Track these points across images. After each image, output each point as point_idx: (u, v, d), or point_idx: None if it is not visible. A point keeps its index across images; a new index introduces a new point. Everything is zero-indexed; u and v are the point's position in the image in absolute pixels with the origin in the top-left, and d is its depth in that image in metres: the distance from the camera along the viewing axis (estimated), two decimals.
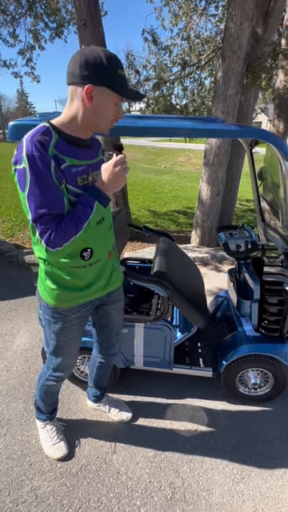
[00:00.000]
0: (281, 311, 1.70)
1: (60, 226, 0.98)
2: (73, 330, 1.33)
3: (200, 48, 6.09)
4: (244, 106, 3.98)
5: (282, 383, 1.84)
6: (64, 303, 1.24)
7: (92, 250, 1.16)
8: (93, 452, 1.66)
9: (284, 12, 5.23)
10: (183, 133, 1.38)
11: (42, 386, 1.54)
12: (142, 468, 1.59)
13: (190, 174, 12.28)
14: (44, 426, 1.67)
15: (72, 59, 0.98)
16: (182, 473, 1.57)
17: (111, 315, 1.48)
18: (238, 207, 6.67)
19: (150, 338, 1.80)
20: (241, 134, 1.53)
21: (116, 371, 1.93)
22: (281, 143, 1.36)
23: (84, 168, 1.07)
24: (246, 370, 1.82)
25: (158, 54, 6.20)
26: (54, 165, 0.96)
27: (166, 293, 1.66)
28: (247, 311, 1.81)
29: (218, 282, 3.45)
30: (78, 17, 3.79)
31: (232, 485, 1.53)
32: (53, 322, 1.29)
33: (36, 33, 6.41)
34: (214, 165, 3.95)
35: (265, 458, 1.65)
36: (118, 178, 1.04)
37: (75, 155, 1.04)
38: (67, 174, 1.01)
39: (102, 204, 1.05)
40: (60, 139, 1.01)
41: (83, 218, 1.01)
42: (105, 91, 0.99)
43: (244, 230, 1.87)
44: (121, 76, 0.99)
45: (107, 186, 1.04)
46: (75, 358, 1.48)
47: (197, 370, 1.89)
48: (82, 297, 1.26)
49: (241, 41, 3.41)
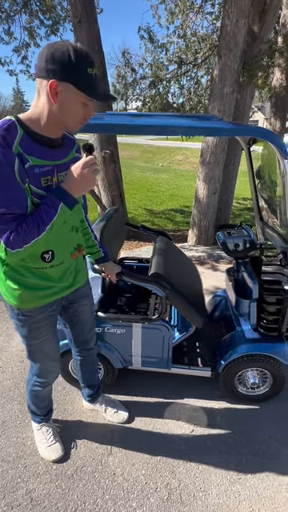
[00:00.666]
0: (279, 310, 1.69)
1: (21, 227, 0.95)
2: (43, 333, 1.29)
3: (196, 46, 6.07)
4: (240, 104, 3.97)
5: (280, 383, 1.84)
6: (27, 304, 1.19)
7: (53, 252, 1.12)
8: (88, 453, 1.64)
9: (280, 10, 5.23)
10: (181, 131, 1.37)
11: (31, 392, 1.52)
12: (138, 469, 1.58)
13: (187, 172, 12.27)
14: (40, 428, 1.66)
15: (40, 52, 0.93)
16: (178, 474, 1.56)
17: (81, 313, 1.45)
18: (234, 206, 6.67)
19: (148, 338, 1.78)
20: (239, 132, 1.51)
21: (114, 371, 1.91)
22: (279, 141, 1.35)
23: (49, 169, 1.02)
24: (244, 369, 1.82)
25: (154, 52, 6.17)
26: (17, 163, 0.92)
27: (164, 292, 1.64)
28: (246, 311, 1.80)
29: (215, 281, 3.44)
30: (74, 14, 3.75)
31: (228, 485, 1.52)
32: (20, 325, 1.25)
33: (31, 30, 6.35)
34: (210, 163, 3.94)
35: (261, 457, 1.65)
36: (86, 180, 0.98)
37: (40, 155, 0.99)
38: (30, 174, 0.97)
39: (68, 206, 1.00)
40: (25, 136, 0.96)
41: (46, 219, 0.97)
42: (70, 89, 0.93)
43: (242, 229, 1.86)
44: (90, 74, 0.93)
45: (74, 188, 0.99)
46: (55, 361, 1.44)
47: (195, 369, 1.88)
48: (45, 296, 1.21)
49: (237, 38, 3.39)
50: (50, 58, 0.90)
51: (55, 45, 0.91)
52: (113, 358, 1.84)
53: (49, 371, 1.44)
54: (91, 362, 1.68)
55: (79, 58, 0.91)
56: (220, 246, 1.87)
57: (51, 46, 0.91)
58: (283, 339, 1.77)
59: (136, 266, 2.19)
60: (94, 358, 1.70)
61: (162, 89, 6.10)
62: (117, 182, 4.51)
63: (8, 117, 0.95)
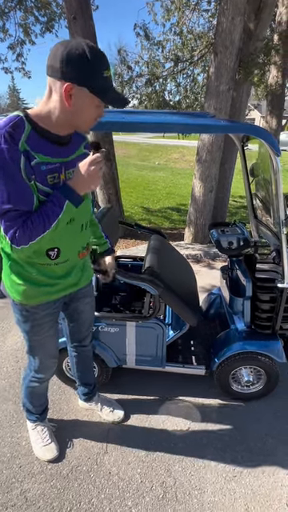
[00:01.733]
0: (273, 308, 1.69)
1: (26, 224, 0.94)
2: (45, 329, 1.30)
3: (193, 43, 6.04)
4: (236, 102, 3.96)
5: (274, 380, 1.84)
6: (31, 300, 1.19)
7: (59, 250, 1.11)
8: (84, 453, 1.64)
9: (276, 8, 5.22)
10: (174, 128, 1.36)
11: (27, 388, 1.52)
12: (134, 468, 1.57)
13: (183, 170, 12.25)
14: (34, 427, 1.65)
15: (54, 50, 0.89)
16: (173, 472, 1.56)
17: (82, 311, 1.45)
18: (231, 204, 6.68)
19: (142, 337, 1.78)
20: (231, 129, 1.51)
21: (108, 370, 1.91)
22: (271, 139, 1.35)
23: (56, 166, 1.01)
24: (239, 367, 1.82)
25: (150, 50, 6.15)
26: (23, 160, 0.91)
27: (157, 290, 1.64)
28: (239, 308, 1.80)
29: (211, 280, 3.44)
30: (68, 10, 3.72)
31: (224, 483, 1.52)
32: (22, 320, 1.25)
33: (26, 27, 6.29)
34: (206, 161, 3.93)
35: (257, 455, 1.65)
36: (92, 177, 0.98)
37: (47, 152, 0.98)
38: (37, 171, 0.96)
39: (73, 204, 0.99)
40: (33, 132, 0.94)
41: (52, 216, 0.97)
42: (85, 92, 0.91)
43: (236, 226, 1.85)
44: (106, 78, 0.91)
45: (80, 186, 0.99)
46: (54, 358, 1.45)
47: (189, 368, 1.88)
48: (50, 293, 1.21)
49: (233, 36, 3.38)
50: (65, 59, 0.87)
51: (70, 44, 0.88)
52: (107, 357, 1.83)
53: (48, 367, 1.44)
54: (86, 359, 1.67)
55: (96, 60, 0.89)
56: (214, 244, 1.86)
57: (66, 45, 0.87)
58: (277, 337, 1.77)
59: (131, 265, 2.19)
60: (90, 356, 1.69)
61: (159, 86, 6.08)
62: (113, 180, 4.49)
63: (16, 112, 0.94)
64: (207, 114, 1.53)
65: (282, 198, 1.43)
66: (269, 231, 1.80)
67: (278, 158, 1.36)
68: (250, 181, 1.93)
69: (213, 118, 1.46)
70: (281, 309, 1.64)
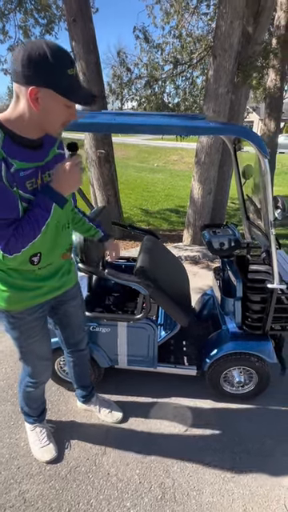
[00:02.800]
0: (263, 309, 1.70)
1: (17, 231, 0.94)
2: (34, 334, 1.28)
3: (192, 46, 6.08)
4: (235, 104, 3.98)
5: (265, 380, 1.85)
6: (16, 305, 1.17)
7: (41, 255, 1.06)
8: (82, 454, 1.64)
9: (274, 12, 5.26)
10: (163, 130, 1.36)
11: (23, 393, 1.51)
12: (133, 469, 1.58)
13: (182, 172, 12.28)
14: (33, 429, 1.65)
15: (15, 54, 0.86)
16: (172, 473, 1.57)
17: (71, 314, 1.44)
18: (229, 206, 6.70)
19: (134, 337, 1.78)
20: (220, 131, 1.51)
21: (100, 371, 1.91)
22: (259, 141, 1.35)
23: (32, 171, 0.99)
24: (230, 368, 1.83)
25: (149, 52, 6.18)
26: (4, 167, 0.89)
27: (147, 291, 1.64)
28: (231, 309, 1.81)
29: (209, 281, 3.44)
30: (68, 13, 3.74)
31: (222, 484, 1.53)
32: (10, 327, 1.24)
33: (26, 29, 6.31)
34: (205, 164, 3.95)
35: (255, 455, 1.66)
36: (73, 179, 0.99)
37: (22, 157, 0.96)
38: (17, 178, 0.94)
39: (59, 205, 1.00)
40: (7, 138, 0.92)
41: (41, 221, 0.96)
42: (51, 93, 0.88)
43: (228, 228, 1.86)
44: (70, 76, 0.88)
45: (63, 187, 0.99)
46: (47, 360, 1.43)
47: (181, 368, 1.89)
48: (34, 297, 1.20)
49: (232, 39, 3.40)
50: (26, 63, 0.84)
51: (30, 46, 0.85)
52: (99, 357, 1.84)
53: (41, 371, 1.44)
54: (83, 363, 1.67)
55: (57, 59, 0.85)
56: (205, 245, 1.87)
57: (26, 48, 0.84)
58: (267, 337, 1.78)
59: (124, 266, 2.19)
60: (86, 360, 1.70)
61: (158, 89, 6.10)
62: (112, 181, 4.50)
63: None
64: (198, 115, 1.54)
65: (271, 200, 1.44)
66: (260, 232, 1.81)
67: (265, 159, 1.37)
68: (242, 183, 1.94)
69: (202, 120, 1.47)
70: (271, 309, 1.65)
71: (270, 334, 1.79)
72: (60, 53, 0.86)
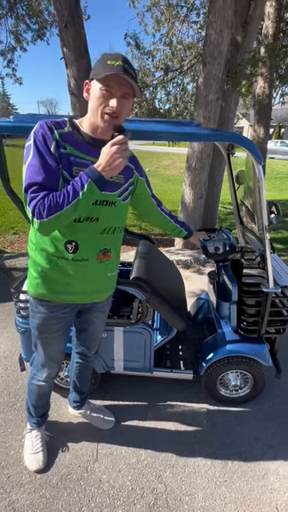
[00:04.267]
0: (258, 312, 1.72)
1: (48, 197, 0.98)
2: (49, 331, 1.32)
3: (182, 54, 6.17)
4: (225, 111, 4.05)
5: (261, 383, 1.86)
6: (42, 293, 1.23)
7: (77, 245, 1.14)
8: (74, 461, 1.62)
9: (262, 21, 5.40)
10: (157, 136, 1.38)
11: (30, 385, 1.54)
12: (125, 475, 1.56)
13: (174, 177, 12.38)
14: (29, 431, 1.65)
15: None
16: (164, 478, 1.56)
17: (92, 322, 1.46)
18: (221, 210, 6.77)
19: (130, 342, 1.78)
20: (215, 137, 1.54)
21: (96, 376, 1.89)
22: (254, 147, 1.38)
23: (86, 162, 1.07)
24: (226, 372, 1.83)
25: (141, 59, 6.25)
26: (54, 145, 1.03)
27: (144, 296, 1.65)
28: (226, 313, 1.82)
29: (201, 285, 3.47)
30: (60, 19, 3.76)
31: (214, 488, 1.53)
32: (32, 315, 1.32)
33: (17, 34, 6.32)
34: (196, 169, 3.99)
35: (247, 459, 1.66)
36: (114, 158, 0.97)
37: (80, 148, 1.08)
38: (64, 160, 1.04)
39: (97, 185, 0.99)
40: (72, 133, 1.08)
41: (73, 194, 0.98)
42: (94, 82, 1.04)
43: (222, 232, 1.88)
44: (109, 65, 0.99)
45: (103, 166, 0.99)
46: (54, 362, 1.45)
47: (177, 372, 1.89)
48: (61, 293, 1.23)
49: (221, 47, 3.47)
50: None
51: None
52: (95, 363, 1.82)
53: (45, 367, 1.45)
54: (86, 369, 1.68)
55: (103, 56, 1.02)
56: (200, 250, 1.89)
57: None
58: (263, 341, 1.80)
59: (120, 270, 2.19)
60: (91, 367, 1.71)
61: (149, 95, 6.16)
62: None
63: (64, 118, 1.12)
64: (192, 122, 1.57)
65: (265, 205, 1.47)
66: (254, 237, 1.84)
67: (260, 166, 1.40)
68: (235, 188, 1.97)
69: (197, 127, 1.50)
70: (266, 313, 1.67)
71: (265, 338, 1.81)
72: (106, 54, 1.02)
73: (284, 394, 2.06)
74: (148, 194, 1.45)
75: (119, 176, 1.19)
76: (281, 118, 26.58)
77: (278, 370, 1.87)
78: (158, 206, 1.55)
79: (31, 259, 1.23)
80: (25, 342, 1.80)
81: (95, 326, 1.48)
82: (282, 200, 8.71)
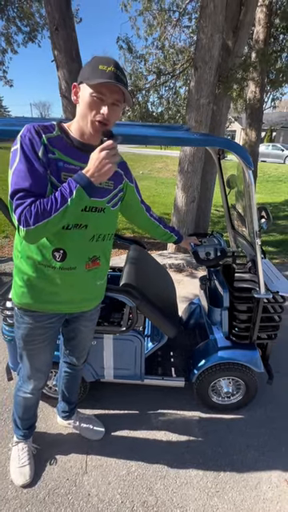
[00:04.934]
0: (250, 318, 1.70)
1: (35, 204, 0.94)
2: (35, 341, 1.28)
3: (174, 58, 6.20)
4: (217, 115, 4.06)
5: (253, 390, 1.84)
6: (27, 302, 1.20)
7: (65, 252, 1.11)
8: (62, 474, 1.57)
9: (253, 26, 5.46)
10: (147, 140, 1.36)
11: (16, 397, 1.49)
12: (114, 488, 1.52)
13: (167, 180, 12.40)
14: (16, 444, 1.60)
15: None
16: (155, 490, 1.52)
17: (80, 331, 1.43)
18: (213, 213, 6.79)
19: (120, 350, 1.74)
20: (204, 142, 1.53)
21: (85, 385, 1.85)
22: (244, 153, 1.37)
23: (75, 168, 1.04)
24: (218, 379, 1.81)
25: (133, 62, 6.25)
26: (42, 150, 0.99)
27: (134, 302, 1.62)
28: (218, 319, 1.80)
29: (194, 289, 3.45)
30: (51, 21, 3.73)
31: (206, 499, 1.49)
32: (17, 325, 1.28)
33: (8, 36, 6.27)
34: (188, 172, 3.99)
35: (239, 468, 1.63)
36: (102, 163, 0.95)
37: (68, 153, 1.05)
38: (52, 165, 1.01)
39: (86, 191, 0.96)
40: (60, 137, 1.05)
41: (61, 201, 0.95)
42: (83, 86, 1.01)
43: (213, 237, 1.87)
44: (101, 70, 0.96)
45: (92, 172, 0.97)
46: (41, 373, 1.41)
47: (169, 380, 1.85)
48: (47, 302, 1.20)
49: (212, 52, 3.48)
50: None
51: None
52: (84, 371, 1.78)
53: (31, 379, 1.41)
54: (75, 378, 1.63)
55: (94, 58, 1.00)
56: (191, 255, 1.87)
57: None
58: (254, 347, 1.78)
59: (110, 275, 2.15)
60: (79, 377, 1.66)
61: (142, 98, 6.16)
62: None
63: (52, 122, 1.08)
64: (182, 126, 1.55)
65: (255, 210, 1.45)
66: (245, 241, 1.82)
67: (250, 171, 1.38)
68: (226, 192, 1.96)
69: (187, 132, 1.48)
70: (257, 319, 1.65)
71: (256, 344, 1.79)
72: (98, 57, 1.00)
73: (276, 400, 2.04)
74: (137, 200, 1.43)
75: (108, 182, 1.17)
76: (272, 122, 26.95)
77: (270, 375, 1.85)
78: (147, 211, 1.53)
79: (16, 267, 1.19)
80: (12, 351, 1.75)
81: (83, 334, 1.44)
82: (273, 203, 8.79)
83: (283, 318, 1.76)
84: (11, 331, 1.67)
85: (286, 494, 1.53)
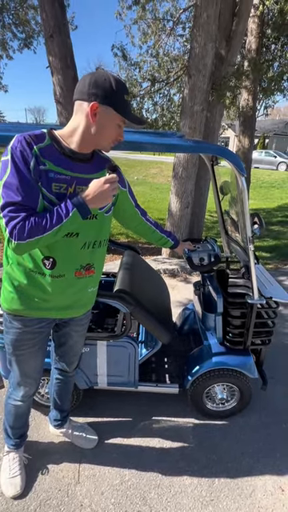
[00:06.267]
0: (244, 324, 1.70)
1: (29, 220, 0.95)
2: (24, 346, 1.27)
3: (169, 65, 6.28)
4: (211, 122, 4.11)
5: (247, 396, 1.83)
6: (17, 308, 1.19)
7: (55, 261, 1.11)
8: (54, 484, 1.53)
9: (246, 36, 5.57)
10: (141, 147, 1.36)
11: (6, 405, 1.47)
12: (108, 498, 1.49)
13: (161, 185, 12.47)
14: (7, 454, 1.56)
15: (82, 78, 1.04)
16: (149, 500, 1.49)
17: (71, 336, 1.41)
18: (207, 218, 6.83)
19: (114, 356, 1.72)
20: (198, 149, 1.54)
21: (78, 393, 1.82)
22: (237, 160, 1.38)
23: (66, 178, 1.05)
24: (212, 385, 1.80)
25: (128, 69, 6.32)
26: (34, 162, 0.98)
27: (128, 308, 1.61)
28: (212, 324, 1.80)
29: (188, 294, 3.45)
30: (46, 28, 3.77)
31: (201, 508, 1.47)
32: (6, 330, 1.27)
33: (4, 42, 6.31)
34: (182, 178, 4.02)
35: (234, 475, 1.62)
36: (104, 194, 1.02)
37: (60, 163, 1.04)
38: (43, 176, 1.01)
39: (80, 214, 1.01)
40: (51, 145, 1.03)
41: (56, 220, 0.98)
42: (109, 111, 1.02)
43: (207, 242, 1.87)
44: (126, 101, 1.05)
45: (91, 199, 1.02)
46: (31, 379, 1.39)
47: (163, 387, 1.84)
48: (37, 309, 1.19)
49: (205, 60, 3.54)
50: (93, 83, 1.00)
51: (96, 73, 1.03)
52: (77, 379, 1.75)
53: (21, 386, 1.39)
54: (66, 385, 1.61)
55: (119, 85, 1.02)
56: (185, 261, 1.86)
57: (93, 74, 1.02)
58: (249, 352, 1.78)
59: (104, 281, 2.14)
60: (71, 383, 1.64)
61: (136, 105, 6.22)
62: None
63: (43, 130, 1.06)
64: (175, 133, 1.56)
65: (248, 216, 1.46)
66: (239, 247, 1.83)
67: (243, 177, 1.40)
68: (220, 198, 1.97)
69: (180, 138, 1.49)
70: (251, 324, 1.65)
71: (250, 349, 1.79)
72: (121, 82, 1.03)
73: (270, 406, 2.04)
74: (131, 205, 1.43)
75: None
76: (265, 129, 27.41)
77: (264, 381, 1.84)
78: (143, 215, 1.53)
79: (6, 273, 1.18)
80: (3, 358, 1.72)
81: (74, 339, 1.43)
82: (266, 208, 8.88)
83: (277, 324, 1.77)
84: (1, 337, 1.64)
85: (280, 501, 1.51)
